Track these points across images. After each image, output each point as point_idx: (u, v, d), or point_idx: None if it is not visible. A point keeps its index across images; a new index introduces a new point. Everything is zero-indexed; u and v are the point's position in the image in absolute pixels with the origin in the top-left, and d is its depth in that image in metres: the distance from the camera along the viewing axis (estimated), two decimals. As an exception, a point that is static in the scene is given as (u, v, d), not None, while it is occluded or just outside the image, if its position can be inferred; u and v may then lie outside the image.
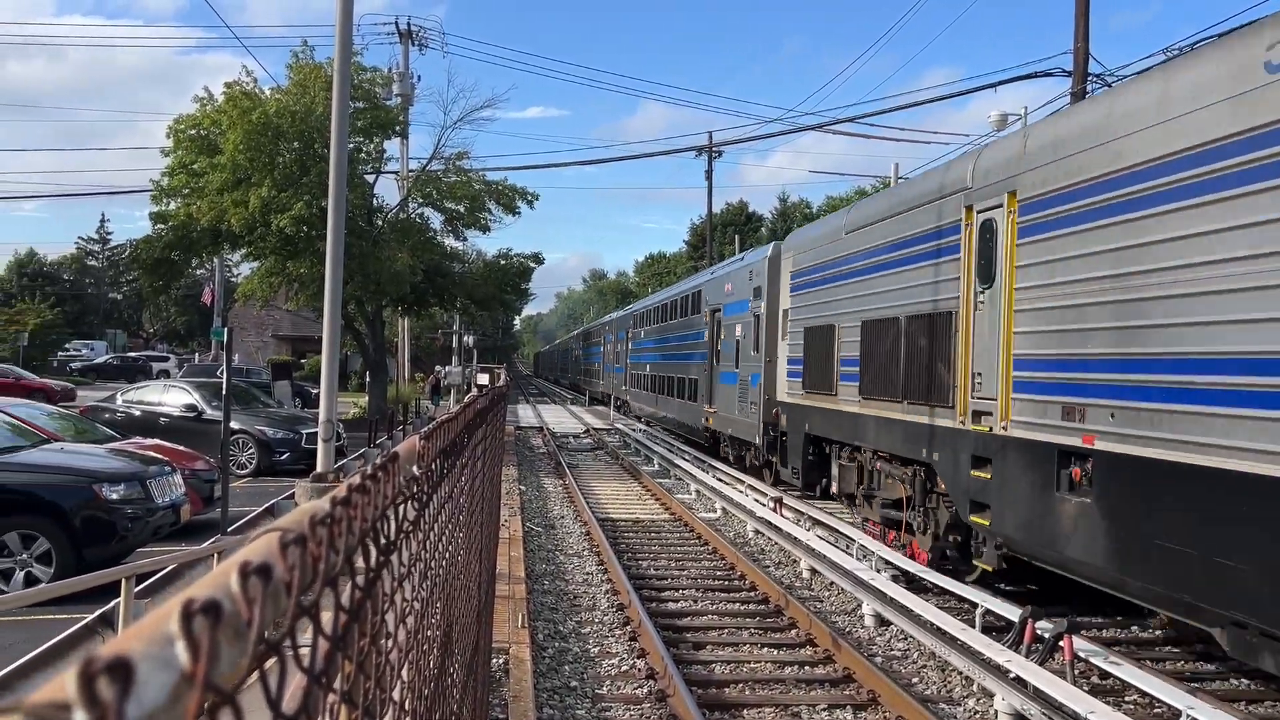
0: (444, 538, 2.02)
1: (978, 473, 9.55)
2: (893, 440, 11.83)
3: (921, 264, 11.18)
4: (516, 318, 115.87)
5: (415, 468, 1.36)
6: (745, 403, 18.76)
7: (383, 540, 0.96)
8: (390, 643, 1.13)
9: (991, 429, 9.31)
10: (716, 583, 11.24)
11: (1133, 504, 7.33)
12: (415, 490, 1.32)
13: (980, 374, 9.67)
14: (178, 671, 0.39)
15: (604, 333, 48.32)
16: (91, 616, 5.55)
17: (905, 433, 11.39)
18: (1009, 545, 9.15)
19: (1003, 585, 10.09)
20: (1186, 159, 6.95)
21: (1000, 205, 9.44)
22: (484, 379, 49.85)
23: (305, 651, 0.69)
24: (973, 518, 9.68)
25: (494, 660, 7.23)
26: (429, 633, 1.67)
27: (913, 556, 11.11)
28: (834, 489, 14.34)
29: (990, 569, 9.62)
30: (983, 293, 9.71)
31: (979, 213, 9.86)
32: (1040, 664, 7.45)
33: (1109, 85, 22.04)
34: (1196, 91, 6.96)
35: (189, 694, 0.39)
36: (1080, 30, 22.06)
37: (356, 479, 0.85)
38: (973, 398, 9.79)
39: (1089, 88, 22.19)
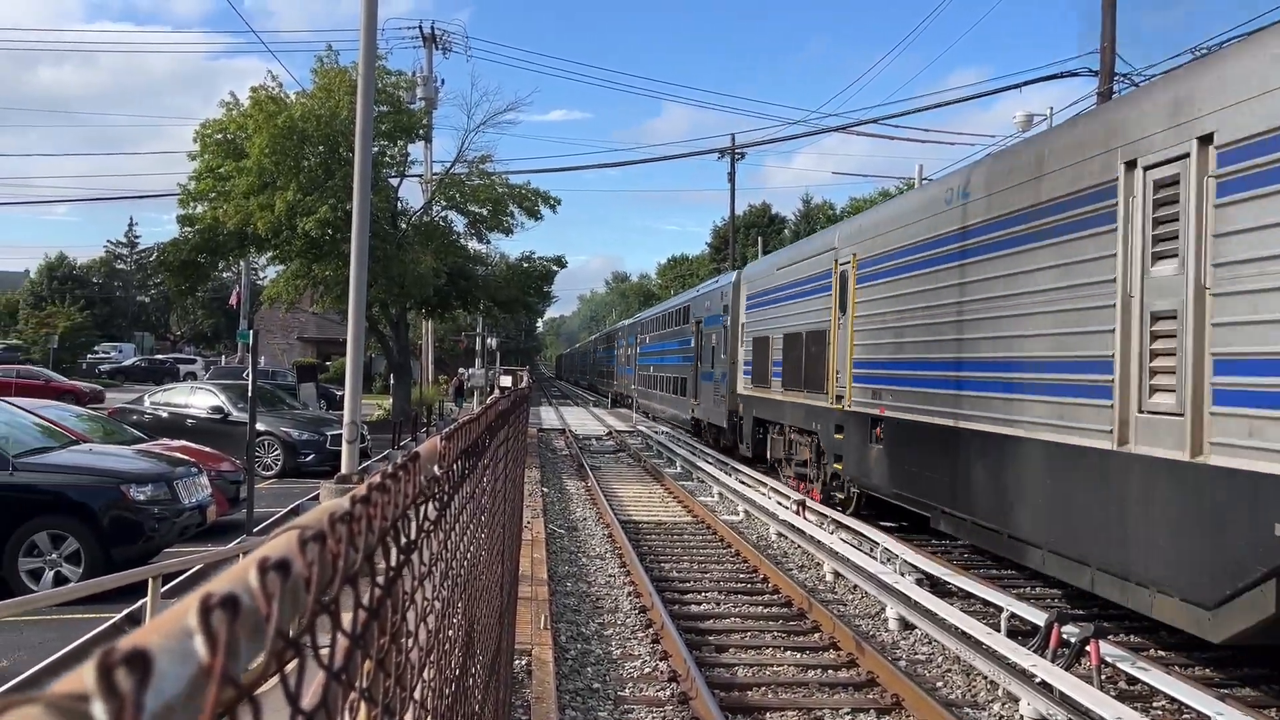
0: (465, 538, 2.03)
1: (838, 436, 14.59)
2: (799, 418, 16.78)
3: (813, 296, 16.09)
4: (539, 320, 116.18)
5: (436, 468, 1.36)
6: (717, 396, 23.59)
7: (403, 539, 0.96)
8: (411, 642, 1.14)
9: (844, 407, 14.20)
10: (739, 585, 11.21)
11: (897, 445, 12.40)
12: (436, 490, 1.33)
13: (839, 371, 14.56)
14: (196, 664, 0.40)
15: (618, 338, 52.86)
16: (119, 615, 5.61)
17: (805, 412, 16.37)
18: (853, 482, 14.12)
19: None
20: (914, 248, 12.05)
21: (850, 262, 14.23)
22: (507, 381, 50.09)
23: (325, 652, 0.70)
24: (835, 466, 14.81)
25: (516, 661, 7.24)
26: (450, 633, 1.67)
27: (821, 498, 15.59)
28: (769, 456, 19.16)
29: (841, 496, 14.76)
30: (841, 318, 14.57)
31: (840, 265, 14.75)
32: (1066, 669, 7.38)
33: (1136, 85, 21.87)
34: (923, 206, 12.16)
35: (207, 687, 0.39)
36: (1107, 30, 21.87)
37: (377, 478, 0.86)
38: (836, 386, 14.68)
39: (1115, 87, 22.02)
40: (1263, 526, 6.32)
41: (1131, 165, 7.94)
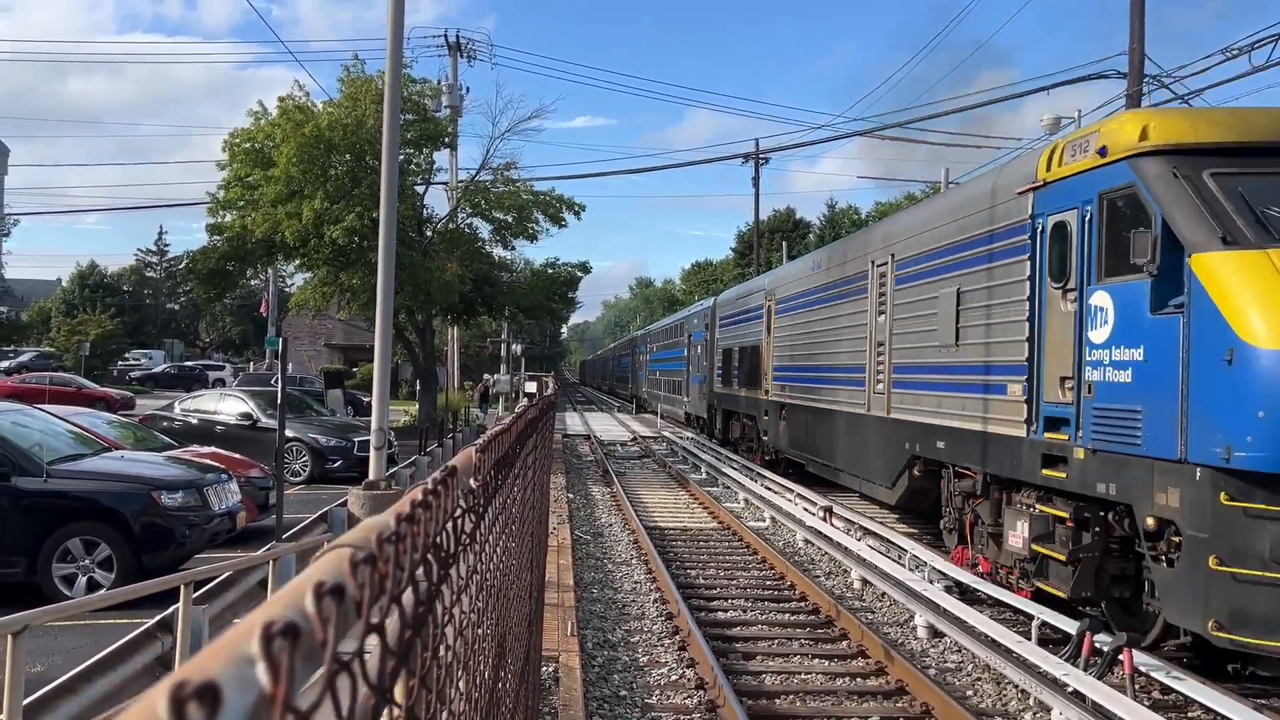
0: (499, 549, 2.03)
1: (766, 418, 21.06)
2: (747, 407, 23.38)
3: (755, 321, 22.50)
4: (564, 326, 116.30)
5: (473, 481, 1.36)
6: (700, 394, 30.50)
7: (443, 554, 0.96)
8: (449, 654, 1.14)
9: (768, 397, 20.65)
10: (766, 592, 11.17)
11: (793, 421, 18.65)
12: (473, 503, 1.33)
13: (766, 373, 20.89)
14: (258, 692, 0.40)
15: (634, 346, 60.95)
16: (151, 622, 5.66)
17: (749, 403, 22.98)
18: (775, 450, 20.59)
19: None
20: (798, 294, 18.67)
21: (771, 299, 20.93)
22: (532, 387, 50.26)
23: (369, 668, 0.70)
24: (764, 438, 21.43)
25: (544, 668, 7.24)
26: (484, 644, 1.67)
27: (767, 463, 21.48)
28: (731, 438, 25.95)
29: (769, 457, 21.21)
30: (768, 337, 20.98)
31: (767, 301, 21.28)
32: (1099, 678, 7.30)
33: (1166, 87, 21.59)
34: (804, 268, 19.55)
35: (269, 715, 0.40)
36: (1135, 31, 21.64)
37: (419, 494, 0.86)
38: (765, 384, 20.96)
39: (1145, 89, 21.76)
40: (902, 445, 12.87)
41: (872, 263, 14.40)
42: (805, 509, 15.48)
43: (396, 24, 11.22)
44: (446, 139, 30.07)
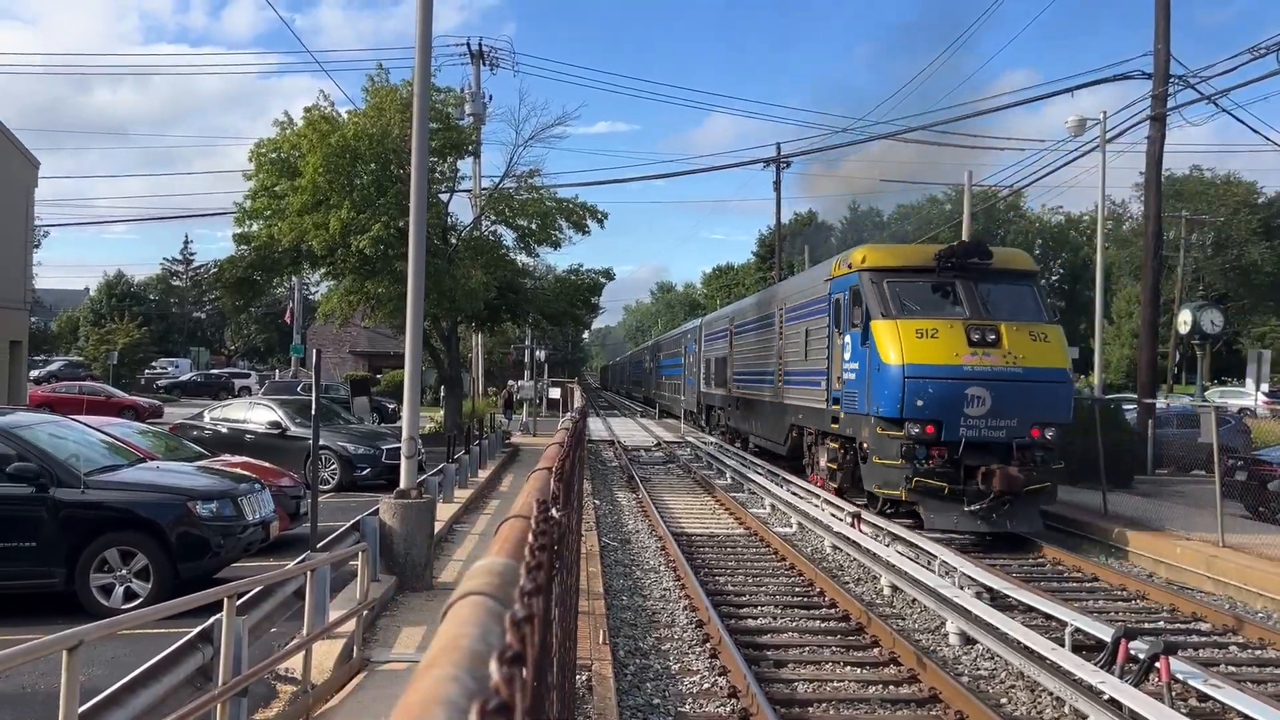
0: (562, 571, 2.06)
1: (729, 408, 28.95)
2: (720, 402, 30.55)
3: (722, 339, 29.76)
4: (586, 331, 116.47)
5: (555, 511, 1.39)
6: (694, 393, 37.84)
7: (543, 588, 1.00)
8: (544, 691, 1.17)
9: (730, 393, 28.20)
10: (795, 599, 11.15)
11: (743, 408, 26.68)
12: (556, 534, 1.36)
13: (729, 377, 28.28)
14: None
15: (647, 354, 69.41)
16: (192, 633, 5.72)
17: (720, 398, 30.13)
18: (734, 430, 29.13)
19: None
20: (747, 321, 27.05)
21: (733, 324, 28.56)
22: (555, 393, 50.17)
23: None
24: (729, 423, 29.64)
25: (577, 677, 7.27)
26: (553, 672, 1.70)
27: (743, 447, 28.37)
28: (711, 424, 33.06)
29: (730, 436, 29.83)
30: (730, 351, 28.21)
31: (730, 325, 28.97)
32: (1135, 685, 7.26)
33: (1193, 87, 21.50)
34: (749, 305, 28.10)
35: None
36: (1160, 31, 21.48)
37: (530, 537, 0.89)
38: (729, 384, 28.31)
39: (1170, 89, 21.60)
40: (787, 419, 20.78)
41: (777, 309, 22.15)
42: (833, 515, 15.45)
43: (425, 38, 11.31)
44: (470, 147, 30.19)
